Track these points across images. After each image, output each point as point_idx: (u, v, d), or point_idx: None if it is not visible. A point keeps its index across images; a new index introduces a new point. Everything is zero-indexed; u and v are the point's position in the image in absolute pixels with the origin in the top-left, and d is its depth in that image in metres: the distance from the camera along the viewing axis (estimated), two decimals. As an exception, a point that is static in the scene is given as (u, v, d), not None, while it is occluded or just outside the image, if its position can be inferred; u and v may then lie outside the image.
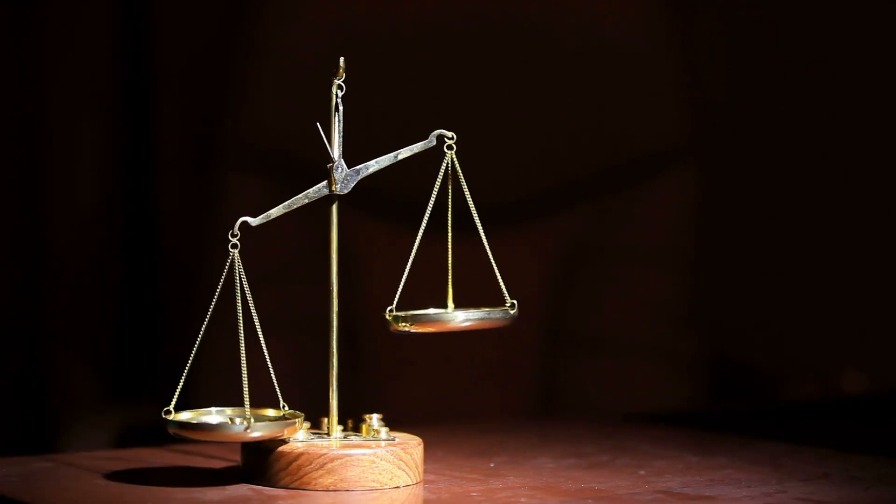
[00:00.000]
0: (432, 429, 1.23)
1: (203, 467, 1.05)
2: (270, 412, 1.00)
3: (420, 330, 0.99)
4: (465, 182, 0.99)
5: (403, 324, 0.99)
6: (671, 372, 1.77)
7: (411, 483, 0.98)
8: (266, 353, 0.97)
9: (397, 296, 0.99)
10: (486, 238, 1.00)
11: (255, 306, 0.98)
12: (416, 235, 0.99)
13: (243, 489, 0.97)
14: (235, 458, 1.02)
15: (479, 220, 1.00)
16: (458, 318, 0.99)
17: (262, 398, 1.01)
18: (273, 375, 1.00)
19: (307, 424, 1.00)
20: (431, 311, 1.00)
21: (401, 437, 1.00)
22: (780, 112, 1.91)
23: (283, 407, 1.00)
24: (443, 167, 0.99)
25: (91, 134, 1.76)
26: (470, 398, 1.71)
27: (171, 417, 0.97)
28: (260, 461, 0.97)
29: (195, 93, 1.77)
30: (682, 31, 1.80)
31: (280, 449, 0.97)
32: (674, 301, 1.77)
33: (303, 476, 0.96)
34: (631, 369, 1.74)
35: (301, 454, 0.96)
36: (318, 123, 0.99)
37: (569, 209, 1.74)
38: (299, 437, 0.99)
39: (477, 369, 1.71)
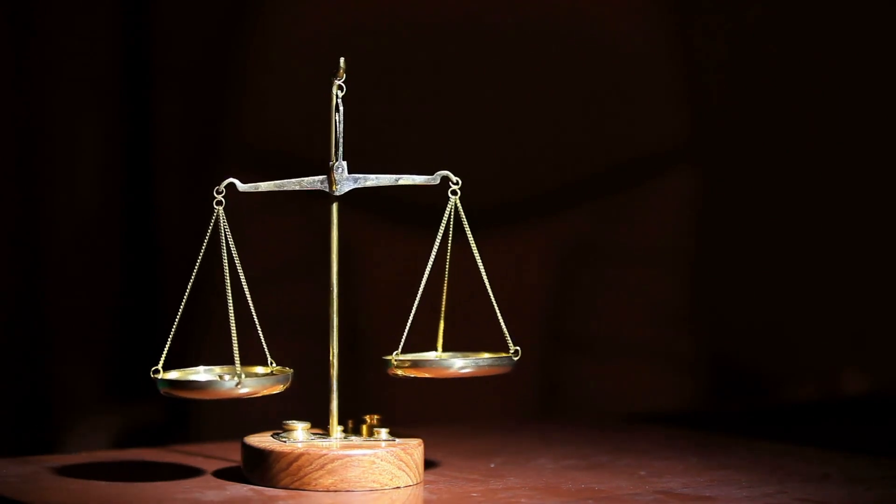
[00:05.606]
0: (432, 429, 1.23)
1: (203, 467, 1.05)
2: (259, 369, 1.00)
3: (417, 375, 1.00)
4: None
5: (401, 369, 0.99)
6: (671, 372, 1.76)
7: (411, 483, 0.98)
8: (252, 310, 0.97)
9: (401, 343, 0.99)
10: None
11: (242, 271, 0.98)
12: (421, 280, 0.99)
13: (243, 489, 0.97)
14: (235, 458, 1.02)
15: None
16: (457, 364, 0.99)
17: (250, 357, 1.00)
18: (260, 332, 0.99)
19: (307, 425, 1.00)
20: (432, 356, 1.01)
21: (401, 437, 1.00)
22: (780, 112, 1.91)
23: (271, 364, 0.99)
24: (446, 213, 0.99)
25: (91, 134, 1.76)
26: (470, 399, 1.71)
27: (160, 377, 0.97)
28: (260, 461, 0.97)
29: (195, 93, 1.77)
30: (682, 31, 1.80)
31: (280, 449, 0.97)
32: (674, 301, 1.77)
33: (303, 476, 0.96)
34: (631, 369, 1.74)
35: (301, 454, 0.96)
36: (333, 120, 0.99)
37: (569, 209, 1.74)
38: (300, 437, 0.99)
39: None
